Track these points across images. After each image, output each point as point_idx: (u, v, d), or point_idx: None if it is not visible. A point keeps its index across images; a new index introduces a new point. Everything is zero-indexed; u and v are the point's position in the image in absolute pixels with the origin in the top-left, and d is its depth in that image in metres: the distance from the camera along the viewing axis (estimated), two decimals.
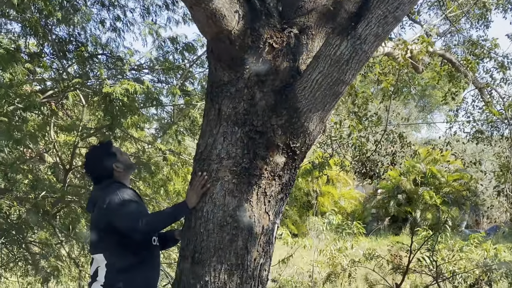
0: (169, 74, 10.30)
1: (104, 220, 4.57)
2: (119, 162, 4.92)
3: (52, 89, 9.47)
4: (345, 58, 4.16)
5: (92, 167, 5.01)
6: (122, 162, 4.96)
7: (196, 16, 4.19)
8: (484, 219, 39.66)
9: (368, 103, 10.16)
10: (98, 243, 4.67)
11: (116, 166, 4.90)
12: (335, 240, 19.45)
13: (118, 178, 4.91)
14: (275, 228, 4.61)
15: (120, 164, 4.93)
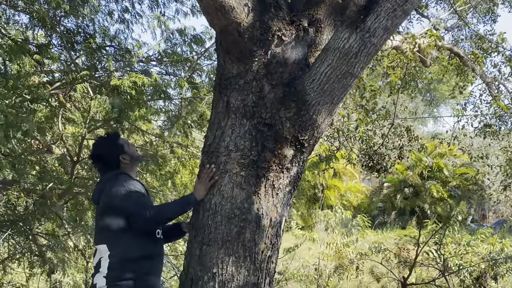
0: (177, 66, 10.30)
1: (110, 211, 4.57)
2: (126, 154, 4.91)
3: (60, 80, 9.48)
4: (354, 51, 4.16)
5: (99, 158, 4.97)
6: (129, 153, 4.95)
7: (206, 8, 4.19)
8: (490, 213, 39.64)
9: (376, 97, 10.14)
10: (102, 234, 4.65)
11: (123, 158, 4.89)
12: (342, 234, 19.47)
13: (125, 170, 4.90)
14: (283, 221, 4.62)
15: (127, 156, 4.92)
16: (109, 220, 4.58)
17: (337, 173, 34.79)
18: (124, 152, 4.92)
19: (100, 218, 4.70)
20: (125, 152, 4.92)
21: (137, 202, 4.57)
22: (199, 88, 10.28)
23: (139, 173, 10.70)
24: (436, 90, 42.42)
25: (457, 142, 13.52)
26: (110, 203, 4.58)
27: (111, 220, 4.57)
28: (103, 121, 9.53)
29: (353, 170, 34.94)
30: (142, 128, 10.13)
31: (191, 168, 10.26)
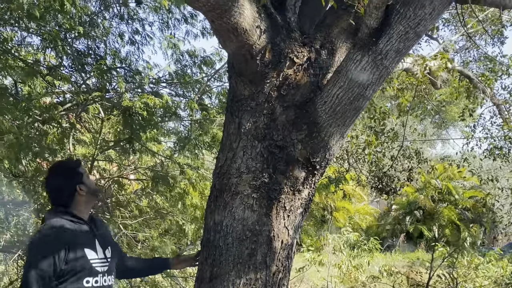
0: (187, 88, 10.31)
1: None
2: (84, 185, 4.30)
3: (71, 101, 9.52)
4: (366, 73, 4.17)
5: (53, 184, 4.33)
6: (88, 185, 4.34)
7: (218, 30, 4.20)
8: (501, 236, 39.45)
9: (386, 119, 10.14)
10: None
11: (80, 188, 4.27)
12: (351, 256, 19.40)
13: (78, 204, 4.26)
14: (294, 243, 4.61)
15: (85, 187, 4.30)
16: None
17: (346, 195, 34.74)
18: (83, 182, 4.31)
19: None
20: (83, 182, 4.31)
21: (28, 268, 3.94)
22: (209, 110, 10.30)
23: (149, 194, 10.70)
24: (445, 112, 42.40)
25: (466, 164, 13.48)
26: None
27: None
28: (114, 142, 9.55)
29: (362, 192, 34.88)
30: (152, 149, 10.14)
31: (201, 190, 10.26)
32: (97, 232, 4.32)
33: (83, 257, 4.06)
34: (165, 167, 10.10)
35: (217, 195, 4.53)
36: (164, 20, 10.27)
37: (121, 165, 11.04)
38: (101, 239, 4.31)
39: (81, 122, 10.01)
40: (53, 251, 3.95)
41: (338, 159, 12.43)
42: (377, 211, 38.79)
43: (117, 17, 9.93)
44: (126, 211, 10.32)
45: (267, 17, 4.30)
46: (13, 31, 8.88)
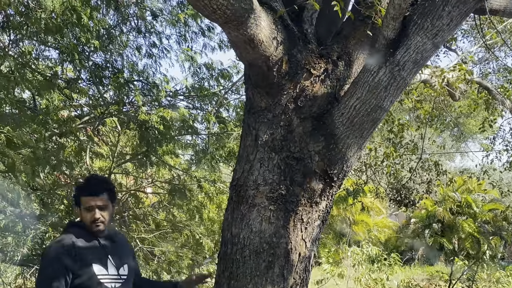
0: (204, 100, 10.32)
1: None
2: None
3: (88, 115, 9.54)
4: (383, 84, 4.14)
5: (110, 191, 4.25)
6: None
7: (234, 42, 4.19)
8: None
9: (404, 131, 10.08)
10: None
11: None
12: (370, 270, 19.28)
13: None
14: (312, 256, 4.57)
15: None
16: None
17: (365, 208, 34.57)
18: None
19: None
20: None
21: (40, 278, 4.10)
22: (226, 122, 10.29)
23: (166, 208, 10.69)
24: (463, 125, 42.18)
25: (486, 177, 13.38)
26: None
27: None
28: (131, 155, 9.56)
29: (380, 205, 34.70)
30: (169, 163, 10.14)
31: (219, 203, 10.24)
32: (111, 248, 4.19)
33: (90, 272, 3.99)
34: (182, 181, 10.08)
35: (234, 208, 4.51)
36: (181, 33, 10.29)
37: (138, 178, 11.05)
38: (117, 256, 4.18)
39: (99, 135, 10.03)
40: (61, 263, 3.93)
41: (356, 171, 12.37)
42: (396, 224, 38.55)
43: (135, 30, 9.97)
44: (143, 225, 10.31)
45: (283, 29, 4.29)
46: (31, 44, 8.93)
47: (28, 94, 9.17)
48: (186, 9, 9.81)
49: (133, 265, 4.42)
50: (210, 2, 3.66)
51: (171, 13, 9.96)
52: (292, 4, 4.35)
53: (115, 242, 4.26)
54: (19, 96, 8.80)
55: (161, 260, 10.50)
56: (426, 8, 4.09)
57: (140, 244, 9.70)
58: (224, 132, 10.07)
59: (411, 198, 11.60)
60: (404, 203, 11.70)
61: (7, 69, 8.25)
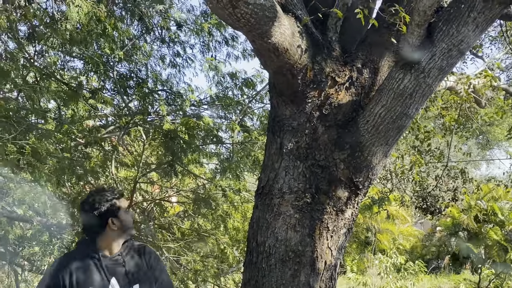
0: (228, 109, 10.34)
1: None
2: (118, 219, 3.99)
3: (113, 124, 9.59)
4: (408, 91, 4.12)
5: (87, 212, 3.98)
6: (123, 220, 4.03)
7: (259, 50, 4.19)
8: None
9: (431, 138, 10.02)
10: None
11: (113, 223, 3.96)
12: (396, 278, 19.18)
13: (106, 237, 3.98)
14: (338, 264, 4.55)
15: (118, 222, 3.99)
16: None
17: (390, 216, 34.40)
18: (117, 216, 4.00)
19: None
20: (117, 216, 4.00)
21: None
22: (251, 131, 10.29)
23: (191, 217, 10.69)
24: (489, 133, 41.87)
25: None
26: None
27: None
28: (155, 164, 9.59)
29: (406, 214, 34.51)
30: (194, 172, 10.16)
31: (244, 212, 10.24)
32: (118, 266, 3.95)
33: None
34: (207, 190, 10.09)
35: (259, 216, 4.51)
36: (205, 43, 10.32)
37: (163, 187, 11.08)
38: (126, 276, 3.93)
39: (123, 145, 10.08)
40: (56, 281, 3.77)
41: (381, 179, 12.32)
42: (421, 232, 38.32)
43: (158, 40, 10.02)
44: (168, 234, 10.33)
45: (308, 37, 4.28)
46: (56, 55, 9.00)
47: (53, 104, 9.25)
48: (209, 18, 9.85)
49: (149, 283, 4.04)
50: (234, 11, 3.67)
51: (195, 22, 9.99)
52: (317, 12, 4.34)
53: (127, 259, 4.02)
54: (44, 106, 8.88)
55: (187, 269, 10.51)
56: (451, 14, 4.07)
57: (166, 253, 9.71)
58: (248, 141, 10.07)
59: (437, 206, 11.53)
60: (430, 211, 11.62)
61: (32, 80, 8.33)
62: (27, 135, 7.21)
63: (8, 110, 7.11)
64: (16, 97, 8.37)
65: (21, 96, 8.42)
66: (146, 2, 9.32)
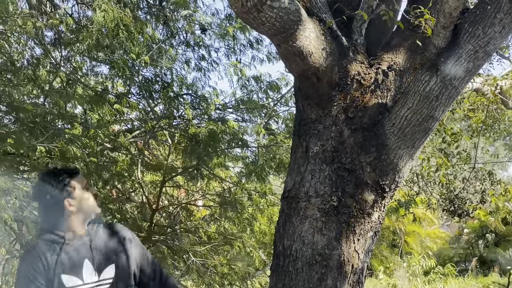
0: (253, 113, 10.34)
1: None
2: (74, 199, 3.59)
3: (138, 129, 9.65)
4: (434, 94, 4.10)
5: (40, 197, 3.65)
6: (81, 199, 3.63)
7: (284, 54, 4.19)
8: None
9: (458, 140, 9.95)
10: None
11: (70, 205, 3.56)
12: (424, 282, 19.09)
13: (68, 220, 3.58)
14: (365, 267, 4.53)
15: (76, 202, 3.59)
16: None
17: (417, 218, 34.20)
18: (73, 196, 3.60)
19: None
20: (73, 196, 3.60)
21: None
22: (276, 134, 10.29)
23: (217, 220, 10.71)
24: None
25: None
26: None
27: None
28: (181, 168, 9.62)
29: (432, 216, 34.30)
30: (220, 176, 10.18)
31: (270, 215, 10.23)
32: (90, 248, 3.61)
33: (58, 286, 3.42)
34: (232, 193, 10.11)
35: (285, 220, 4.50)
36: (230, 46, 10.33)
37: (189, 191, 11.11)
38: (98, 257, 3.60)
39: (149, 149, 10.13)
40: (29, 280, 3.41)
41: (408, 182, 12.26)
42: (448, 235, 38.10)
43: (183, 44, 10.05)
44: (194, 238, 10.36)
45: (333, 40, 4.28)
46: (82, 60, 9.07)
47: (79, 109, 9.32)
48: (234, 21, 9.87)
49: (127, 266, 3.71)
50: (259, 15, 3.67)
51: (219, 26, 10.02)
52: (341, 15, 4.34)
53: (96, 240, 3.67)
54: (70, 112, 8.95)
55: (214, 273, 10.53)
56: (477, 16, 4.04)
57: (193, 257, 9.73)
58: (273, 144, 10.07)
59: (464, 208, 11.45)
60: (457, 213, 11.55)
61: (58, 85, 8.40)
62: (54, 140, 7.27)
63: (36, 115, 7.17)
64: (43, 103, 8.44)
65: (47, 102, 8.50)
66: (171, 6, 9.37)
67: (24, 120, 7.43)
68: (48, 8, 8.22)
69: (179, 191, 11.32)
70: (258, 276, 11.52)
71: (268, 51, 10.72)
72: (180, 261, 10.46)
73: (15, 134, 7.01)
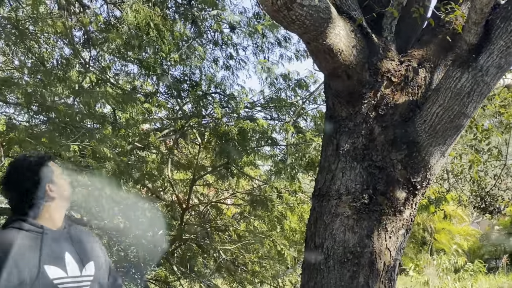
0: (281, 111, 10.34)
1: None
2: (55, 184, 3.34)
3: (168, 127, 9.69)
4: (466, 90, 4.07)
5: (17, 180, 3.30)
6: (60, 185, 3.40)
7: (313, 52, 4.20)
8: None
9: (490, 137, 9.85)
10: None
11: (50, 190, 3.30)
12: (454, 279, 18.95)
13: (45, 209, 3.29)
14: (397, 265, 4.52)
15: (56, 187, 3.34)
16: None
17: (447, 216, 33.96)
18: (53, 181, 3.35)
19: None
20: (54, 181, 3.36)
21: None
22: (305, 132, 10.27)
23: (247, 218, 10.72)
24: None
25: None
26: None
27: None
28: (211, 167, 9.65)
29: (462, 213, 34.04)
30: (250, 174, 10.19)
31: (300, 214, 10.21)
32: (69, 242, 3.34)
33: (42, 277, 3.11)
34: (262, 191, 10.12)
35: (317, 218, 4.50)
36: (258, 44, 10.34)
37: (218, 190, 11.14)
38: (78, 252, 3.35)
39: (178, 148, 10.17)
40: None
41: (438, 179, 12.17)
42: (479, 232, 37.80)
43: (211, 43, 10.07)
44: (225, 236, 10.38)
45: (363, 37, 4.27)
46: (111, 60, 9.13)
47: (108, 108, 9.39)
48: (262, 20, 9.87)
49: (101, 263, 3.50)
50: (289, 13, 3.68)
51: (247, 24, 10.02)
52: (371, 12, 4.34)
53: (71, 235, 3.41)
54: (99, 111, 9.01)
55: (245, 271, 10.55)
56: (509, 11, 4.01)
57: (223, 255, 9.76)
58: (303, 142, 10.05)
59: (495, 205, 11.34)
60: (488, 210, 11.45)
61: (88, 85, 8.47)
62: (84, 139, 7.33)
63: (67, 115, 7.23)
64: (72, 103, 8.51)
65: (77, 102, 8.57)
66: (199, 5, 9.40)
67: (56, 120, 7.50)
68: (77, 8, 8.28)
69: (209, 189, 11.35)
70: (288, 274, 11.52)
71: (296, 49, 10.72)
72: (210, 260, 10.49)
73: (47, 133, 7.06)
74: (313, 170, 9.71)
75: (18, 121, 8.35)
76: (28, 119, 8.54)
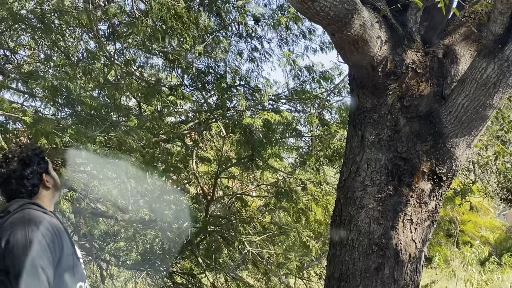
0: (306, 103, 10.33)
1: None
2: (50, 176, 3.50)
3: (192, 120, 9.71)
4: (492, 81, 4.04)
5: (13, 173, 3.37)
6: (54, 176, 3.54)
7: (338, 43, 4.19)
8: None
9: None
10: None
11: (46, 180, 3.45)
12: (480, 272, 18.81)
13: (42, 198, 3.42)
14: (422, 256, 4.51)
15: (51, 179, 3.50)
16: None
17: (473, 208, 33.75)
18: (49, 172, 3.51)
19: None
20: (49, 172, 3.51)
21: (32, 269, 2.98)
22: (329, 124, 10.25)
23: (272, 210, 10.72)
24: None
25: None
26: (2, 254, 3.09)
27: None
28: (235, 159, 9.66)
29: (488, 205, 33.82)
30: (274, 166, 10.18)
31: (325, 205, 10.19)
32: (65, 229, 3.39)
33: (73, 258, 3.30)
34: (287, 183, 10.11)
35: (341, 209, 4.50)
36: (282, 37, 10.33)
37: (243, 182, 11.14)
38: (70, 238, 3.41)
39: (203, 140, 10.19)
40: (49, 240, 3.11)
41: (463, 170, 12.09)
42: (505, 224, 37.54)
43: (236, 35, 10.08)
44: (249, 228, 10.39)
45: (387, 28, 4.26)
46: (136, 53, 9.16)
47: (133, 101, 9.43)
48: (286, 12, 9.86)
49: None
50: (313, 4, 3.68)
51: (272, 16, 10.01)
52: (396, 3, 4.32)
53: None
54: (125, 104, 9.06)
55: (270, 262, 10.55)
56: None
57: (248, 246, 9.76)
58: (327, 134, 10.03)
59: None
60: None
61: (113, 78, 8.51)
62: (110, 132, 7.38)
63: (92, 108, 7.28)
64: (98, 95, 8.56)
65: (102, 94, 8.62)
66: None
67: (82, 113, 7.56)
68: (101, 1, 8.33)
69: (233, 181, 11.36)
70: (314, 265, 11.51)
71: (321, 41, 10.70)
72: (235, 252, 10.51)
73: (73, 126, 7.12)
74: (338, 162, 9.68)
75: (44, 114, 8.44)
76: (54, 112, 8.62)
